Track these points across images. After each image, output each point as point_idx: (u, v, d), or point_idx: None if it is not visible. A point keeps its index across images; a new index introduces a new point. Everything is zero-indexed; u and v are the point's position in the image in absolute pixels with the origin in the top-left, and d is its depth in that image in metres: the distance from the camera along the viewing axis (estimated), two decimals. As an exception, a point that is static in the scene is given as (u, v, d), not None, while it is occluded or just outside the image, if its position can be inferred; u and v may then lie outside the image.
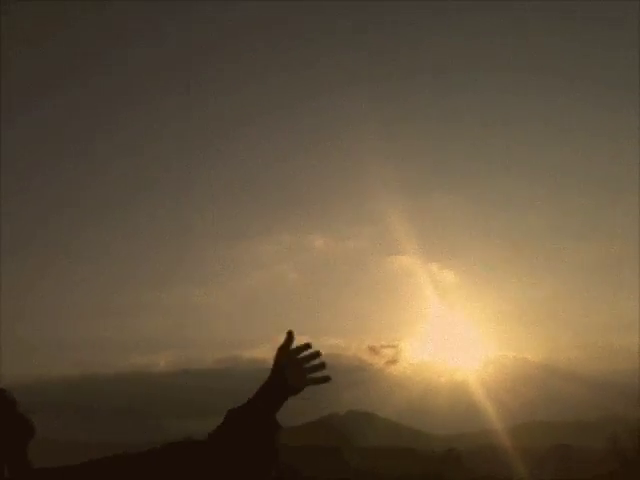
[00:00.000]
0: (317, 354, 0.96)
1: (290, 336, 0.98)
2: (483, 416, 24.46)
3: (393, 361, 35.50)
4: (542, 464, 16.80)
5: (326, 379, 0.96)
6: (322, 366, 0.96)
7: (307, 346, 0.98)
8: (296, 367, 0.95)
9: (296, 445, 18.09)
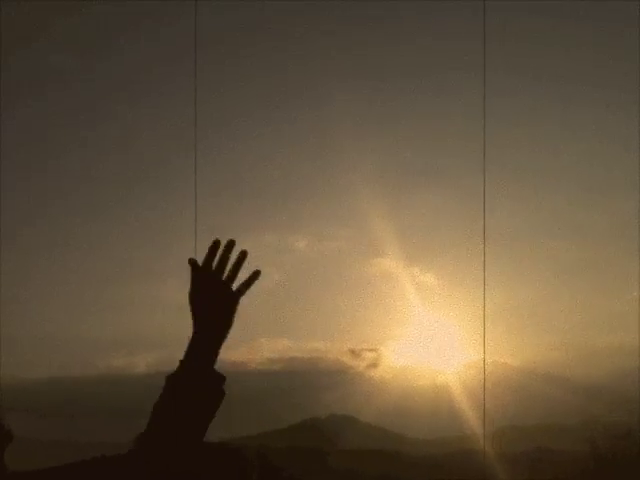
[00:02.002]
0: (231, 244, 0.83)
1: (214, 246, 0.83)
2: (464, 420, 24.52)
3: (374, 364, 35.50)
4: (521, 468, 16.88)
5: (257, 274, 0.84)
6: (256, 274, 0.84)
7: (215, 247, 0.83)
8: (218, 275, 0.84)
9: (278, 447, 18.06)
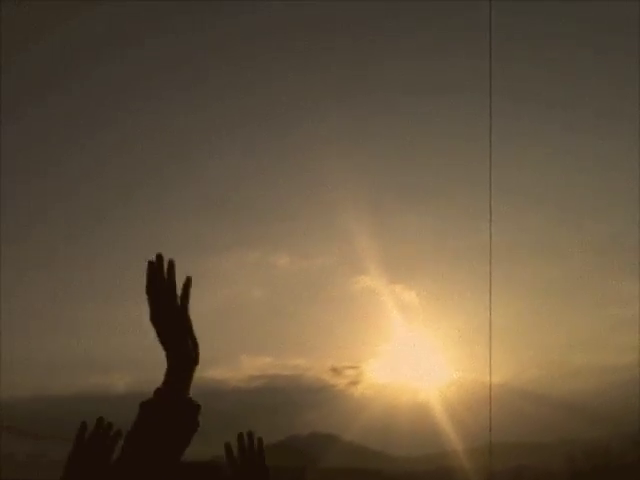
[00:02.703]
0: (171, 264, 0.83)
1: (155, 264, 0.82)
2: (444, 437, 24.51)
3: (355, 382, 35.40)
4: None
5: (188, 281, 0.83)
6: (189, 281, 0.83)
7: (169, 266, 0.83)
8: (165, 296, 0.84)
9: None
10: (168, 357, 0.84)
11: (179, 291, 0.86)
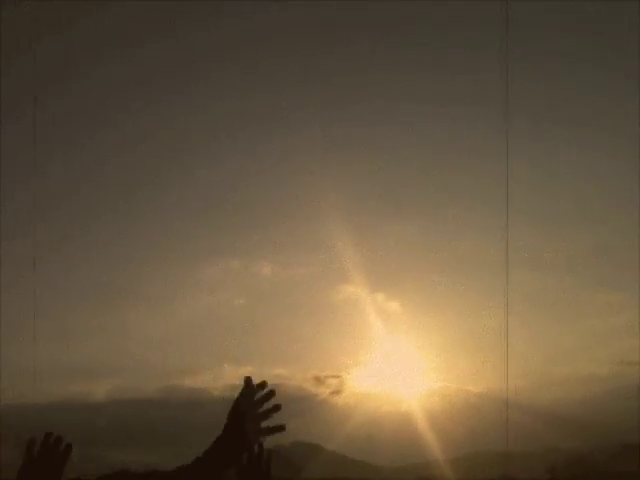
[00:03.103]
0: (271, 394, 0.84)
1: (249, 384, 0.84)
2: (427, 447, 24.52)
3: (338, 391, 35.32)
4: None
5: (281, 428, 0.84)
6: (277, 408, 0.84)
7: (263, 387, 0.85)
8: (254, 419, 0.84)
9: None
10: (227, 432, 0.81)
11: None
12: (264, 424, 0.82)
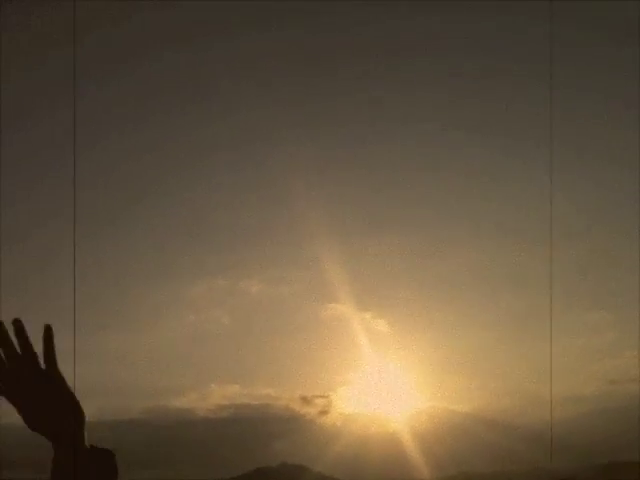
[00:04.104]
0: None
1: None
2: (414, 468, 24.41)
3: (325, 411, 35.12)
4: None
5: (48, 331, 0.69)
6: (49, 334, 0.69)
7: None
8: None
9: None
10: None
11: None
12: None
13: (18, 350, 0.72)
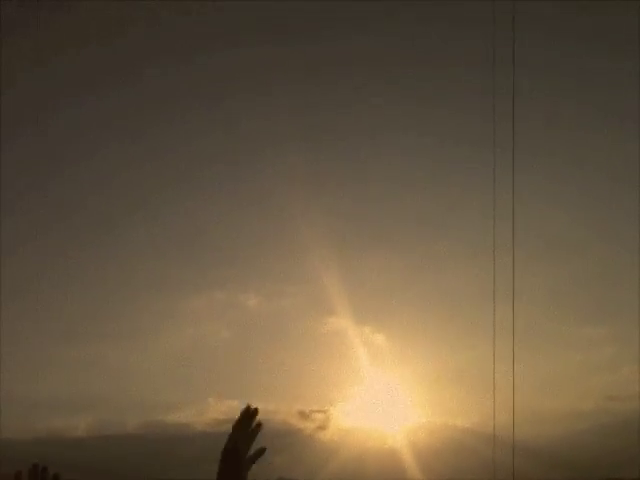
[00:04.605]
0: (259, 426, 0.81)
1: (249, 414, 0.78)
2: (413, 483, 24.27)
3: (323, 426, 34.99)
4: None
5: (262, 451, 0.82)
6: (261, 452, 0.79)
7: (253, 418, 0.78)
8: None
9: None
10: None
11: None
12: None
13: None
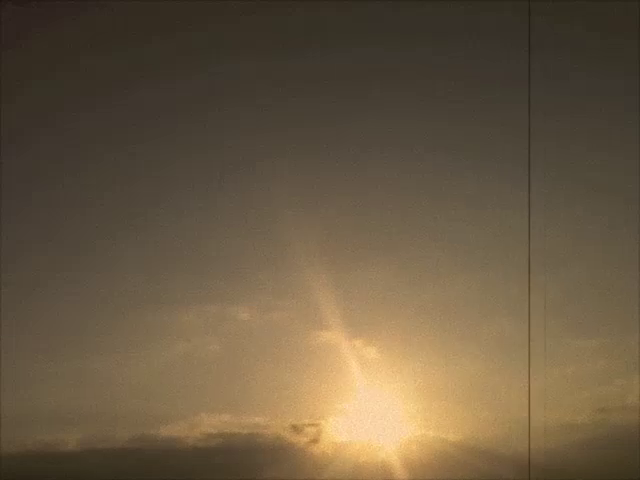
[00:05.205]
0: None
1: None
2: (405, 497, 24.17)
3: (315, 440, 34.84)
4: None
5: None
6: None
7: None
8: None
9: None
10: None
11: None
12: None
13: None
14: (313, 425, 37.68)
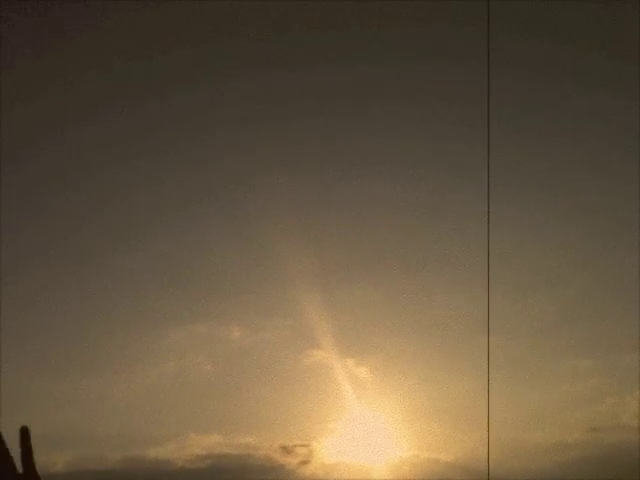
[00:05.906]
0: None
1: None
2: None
3: (306, 461, 34.56)
4: None
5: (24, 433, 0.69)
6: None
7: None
8: None
9: None
10: None
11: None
12: None
13: None
14: (304, 446, 37.29)
